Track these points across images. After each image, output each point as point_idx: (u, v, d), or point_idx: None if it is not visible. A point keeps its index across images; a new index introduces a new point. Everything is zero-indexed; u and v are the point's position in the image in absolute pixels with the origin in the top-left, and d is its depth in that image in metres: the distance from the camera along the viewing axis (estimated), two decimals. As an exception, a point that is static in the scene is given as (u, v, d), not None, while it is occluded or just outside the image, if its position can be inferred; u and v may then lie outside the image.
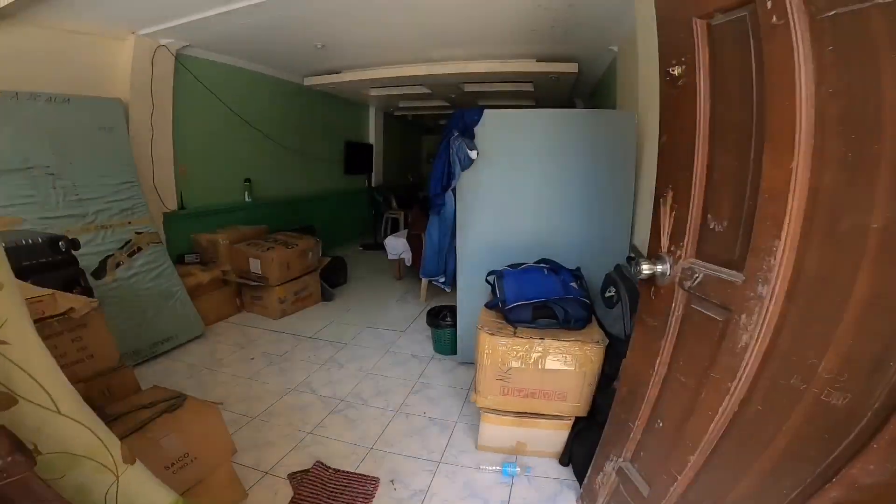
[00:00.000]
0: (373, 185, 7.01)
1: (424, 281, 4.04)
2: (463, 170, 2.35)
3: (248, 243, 3.59)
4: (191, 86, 3.64)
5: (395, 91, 5.35)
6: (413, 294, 4.33)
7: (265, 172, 4.66)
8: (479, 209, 2.50)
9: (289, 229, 4.72)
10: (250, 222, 4.30)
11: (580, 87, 5.08)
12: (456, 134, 2.33)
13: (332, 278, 4.37)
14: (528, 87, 4.96)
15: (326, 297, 4.07)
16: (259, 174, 4.55)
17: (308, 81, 4.92)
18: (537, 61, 4.09)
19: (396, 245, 4.54)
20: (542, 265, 2.22)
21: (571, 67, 4.03)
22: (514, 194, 2.48)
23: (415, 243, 4.18)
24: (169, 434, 1.44)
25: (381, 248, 6.47)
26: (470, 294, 2.66)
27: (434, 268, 2.64)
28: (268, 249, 3.48)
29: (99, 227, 2.76)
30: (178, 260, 3.57)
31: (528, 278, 2.07)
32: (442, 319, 3.03)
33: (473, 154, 2.29)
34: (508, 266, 2.22)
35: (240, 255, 3.54)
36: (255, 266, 3.48)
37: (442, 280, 2.69)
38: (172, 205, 3.51)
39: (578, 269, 2.19)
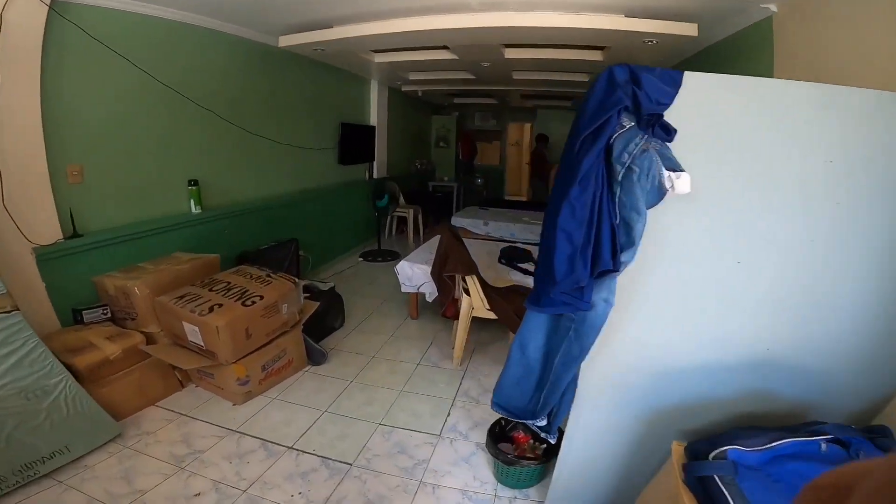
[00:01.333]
0: (374, 176, 5.63)
1: (460, 328, 2.75)
2: (649, 208, 1.02)
3: (179, 297, 2.21)
4: (84, 48, 2.23)
5: (407, 57, 3.93)
6: (440, 348, 3.03)
7: (222, 169, 3.26)
8: (638, 293, 1.17)
9: (261, 247, 3.40)
10: (201, 244, 2.96)
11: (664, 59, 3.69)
12: (627, 126, 0.98)
13: (323, 325, 3.07)
14: (596, 56, 3.57)
15: (314, 358, 2.77)
16: (212, 173, 3.14)
17: (285, 41, 3.46)
18: (626, 17, 2.71)
19: (412, 275, 3.22)
20: (814, 438, 0.97)
21: (689, 29, 2.66)
22: (728, 267, 1.15)
23: (445, 284, 2.85)
24: None
25: (386, 256, 5.20)
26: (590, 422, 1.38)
27: (522, 403, 1.25)
28: (211, 309, 2.12)
29: None
30: (75, 318, 2.25)
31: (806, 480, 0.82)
32: (509, 438, 1.83)
33: (684, 183, 0.93)
34: (737, 443, 0.94)
35: (169, 313, 2.20)
36: (193, 334, 2.15)
37: (542, 424, 1.33)
38: (52, 233, 2.14)
39: (887, 431, 1.04)
